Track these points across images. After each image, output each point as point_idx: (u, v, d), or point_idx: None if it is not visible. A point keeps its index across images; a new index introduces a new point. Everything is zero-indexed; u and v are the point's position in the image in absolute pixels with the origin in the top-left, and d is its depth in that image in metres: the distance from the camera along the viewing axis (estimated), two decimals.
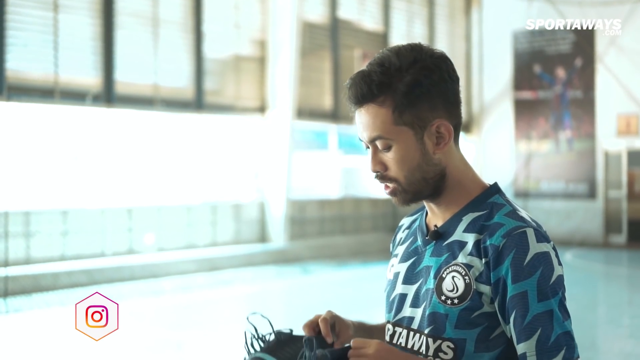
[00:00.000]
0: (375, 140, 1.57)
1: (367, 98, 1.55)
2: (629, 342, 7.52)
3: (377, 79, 1.54)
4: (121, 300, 9.48)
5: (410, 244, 1.69)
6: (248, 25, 13.69)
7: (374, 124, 1.56)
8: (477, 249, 1.52)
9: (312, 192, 15.25)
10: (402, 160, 1.56)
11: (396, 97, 1.54)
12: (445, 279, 1.54)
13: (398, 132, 1.55)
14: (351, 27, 15.79)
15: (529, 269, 1.47)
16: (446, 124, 1.57)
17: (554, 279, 1.48)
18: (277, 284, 11.41)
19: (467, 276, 1.51)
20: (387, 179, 1.59)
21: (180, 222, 12.44)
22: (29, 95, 10.76)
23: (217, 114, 13.22)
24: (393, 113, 1.54)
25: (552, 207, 17.02)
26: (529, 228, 1.50)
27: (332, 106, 15.32)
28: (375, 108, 1.55)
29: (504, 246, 1.48)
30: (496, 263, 1.49)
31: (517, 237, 1.49)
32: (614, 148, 16.43)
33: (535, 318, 1.45)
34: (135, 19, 11.90)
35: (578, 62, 16.81)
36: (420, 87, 1.54)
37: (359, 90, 1.56)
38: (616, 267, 13.93)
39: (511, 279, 1.47)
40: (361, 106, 1.57)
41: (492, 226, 1.52)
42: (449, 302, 1.52)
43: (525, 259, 1.47)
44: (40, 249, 10.50)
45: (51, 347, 7.02)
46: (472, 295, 1.50)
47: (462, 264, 1.53)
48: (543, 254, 1.48)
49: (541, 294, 1.46)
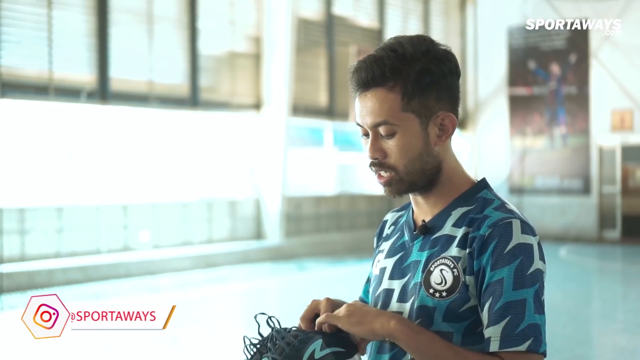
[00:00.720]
0: (379, 125, 1.55)
1: (378, 81, 1.55)
2: (623, 336, 7.55)
3: (390, 63, 1.54)
4: (116, 297, 9.49)
5: (396, 240, 1.68)
6: (243, 21, 13.68)
7: (380, 108, 1.55)
8: (465, 241, 1.52)
9: (307, 188, 15.26)
10: (405, 147, 1.55)
11: (407, 83, 1.54)
12: (433, 272, 1.53)
13: (404, 118, 1.55)
14: (346, 23, 15.79)
15: (508, 257, 1.46)
16: (451, 117, 1.58)
17: (532, 270, 1.47)
18: (273, 280, 11.42)
19: (455, 269, 1.51)
20: (384, 167, 1.58)
21: (176, 219, 12.44)
22: (23, 92, 10.74)
23: (212, 110, 13.21)
24: (402, 99, 1.54)
25: (547, 203, 17.06)
26: (515, 219, 1.51)
27: (327, 103, 15.33)
28: (384, 92, 1.55)
29: (489, 235, 1.49)
30: (480, 252, 1.49)
31: (503, 227, 1.49)
32: (609, 143, 16.47)
33: (507, 305, 1.44)
34: (129, 16, 11.87)
35: (572, 58, 16.83)
36: (431, 75, 1.55)
37: (370, 73, 1.55)
38: (610, 263, 13.97)
39: (490, 267, 1.47)
40: (368, 90, 1.56)
41: (480, 219, 1.53)
42: (437, 295, 1.51)
43: (507, 248, 1.47)
44: (35, 246, 10.49)
45: (46, 344, 7.01)
46: (460, 287, 1.50)
47: (450, 257, 1.52)
48: (525, 245, 1.48)
49: (517, 282, 1.45)
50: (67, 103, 11.18)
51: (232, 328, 8.07)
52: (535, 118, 17.40)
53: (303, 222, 14.66)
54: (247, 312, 9.31)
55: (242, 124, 13.83)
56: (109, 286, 10.07)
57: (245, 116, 13.79)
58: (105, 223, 11.38)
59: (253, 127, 13.89)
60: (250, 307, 9.53)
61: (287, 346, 1.45)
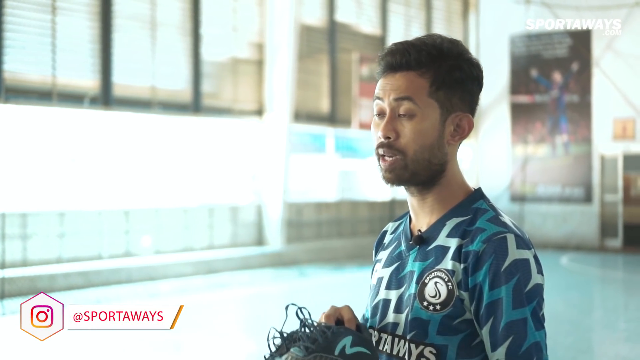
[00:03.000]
0: (403, 100, 1.55)
1: (411, 65, 1.56)
2: (625, 346, 7.54)
3: (427, 50, 1.56)
4: (118, 302, 9.49)
5: (394, 249, 1.67)
6: (246, 28, 13.71)
7: (408, 87, 1.55)
8: (459, 255, 1.51)
9: (309, 195, 15.26)
10: (420, 133, 1.55)
11: (438, 73, 1.55)
12: (427, 284, 1.53)
13: (428, 104, 1.55)
14: (349, 30, 15.82)
15: (505, 276, 1.45)
16: (470, 119, 1.60)
17: (530, 286, 1.46)
18: (274, 287, 11.42)
19: (449, 282, 1.50)
20: (393, 149, 1.55)
21: (178, 225, 12.45)
22: (26, 97, 10.76)
23: (214, 116, 13.23)
24: (430, 86, 1.55)
25: (549, 211, 17.05)
26: (509, 234, 1.49)
27: (329, 109, 15.34)
28: (415, 76, 1.56)
29: (483, 252, 1.48)
30: (474, 269, 1.48)
31: (497, 242, 1.48)
32: (610, 152, 16.47)
33: (509, 325, 1.44)
34: (133, 22, 11.91)
35: (574, 66, 16.85)
36: (461, 74, 1.57)
37: (406, 56, 1.56)
38: (612, 271, 13.96)
39: (488, 285, 1.46)
40: (398, 72, 1.57)
41: (473, 231, 1.52)
42: (431, 308, 1.51)
43: (503, 265, 1.46)
44: (37, 251, 10.50)
45: (47, 348, 7.02)
46: (454, 301, 1.49)
47: (444, 270, 1.51)
48: (522, 261, 1.47)
49: (516, 301, 1.45)
50: (70, 108, 11.21)
51: (233, 333, 8.07)
52: (537, 126, 17.41)
53: (304, 228, 14.67)
54: (248, 317, 9.31)
55: (244, 130, 13.85)
56: (111, 291, 10.08)
57: (248, 122, 13.81)
58: (107, 228, 11.39)
59: (255, 133, 13.91)
60: (251, 313, 9.53)
61: (322, 335, 1.45)
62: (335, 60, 15.32)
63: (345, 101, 15.48)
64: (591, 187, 16.65)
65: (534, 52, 17.38)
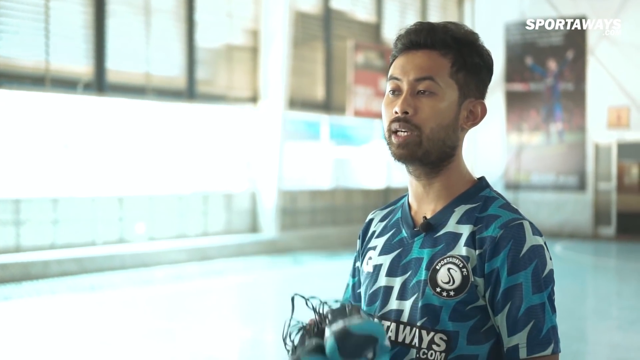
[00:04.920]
0: (424, 79, 1.54)
1: (436, 44, 1.55)
2: (617, 333, 7.57)
3: (451, 32, 1.56)
4: (112, 289, 9.49)
5: (392, 236, 1.64)
6: (241, 14, 13.65)
7: (430, 66, 1.54)
8: (473, 241, 1.51)
9: (303, 182, 15.26)
10: (439, 111, 1.54)
11: (460, 55, 1.55)
12: (439, 270, 1.52)
13: (449, 84, 1.55)
14: (344, 17, 15.77)
15: (524, 261, 1.47)
16: (483, 106, 1.60)
17: (546, 272, 1.49)
18: (268, 274, 11.43)
19: (464, 268, 1.50)
20: (409, 124, 1.53)
21: (172, 212, 12.43)
22: (19, 82, 10.71)
23: (209, 103, 13.19)
24: (452, 67, 1.55)
25: (543, 199, 17.08)
26: (525, 221, 1.51)
27: (324, 97, 15.31)
28: (437, 55, 1.55)
29: (500, 237, 1.48)
30: (492, 254, 1.48)
31: (515, 228, 1.49)
32: (605, 140, 16.49)
33: (530, 310, 1.45)
34: (127, 7, 11.84)
35: (569, 55, 16.84)
36: (481, 59, 1.58)
37: (431, 35, 1.55)
38: (605, 259, 14.01)
39: (507, 271, 1.46)
40: (420, 50, 1.56)
41: (487, 218, 1.52)
42: (445, 294, 1.50)
43: (522, 251, 1.47)
44: (30, 237, 10.48)
45: (40, 335, 7.01)
46: (469, 287, 1.49)
47: (459, 256, 1.51)
48: (538, 247, 1.49)
49: (535, 286, 1.46)
50: (63, 94, 11.16)
51: (227, 321, 8.07)
52: (532, 114, 17.42)
53: (298, 216, 14.67)
54: (242, 305, 9.32)
55: (239, 117, 13.82)
56: (104, 278, 10.07)
57: (242, 109, 13.78)
58: (101, 215, 11.37)
59: (249, 120, 13.88)
60: (245, 300, 9.54)
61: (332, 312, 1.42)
62: (330, 47, 15.28)
63: (340, 89, 15.45)
64: (585, 175, 16.69)
65: (529, 40, 17.36)
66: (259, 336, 7.42)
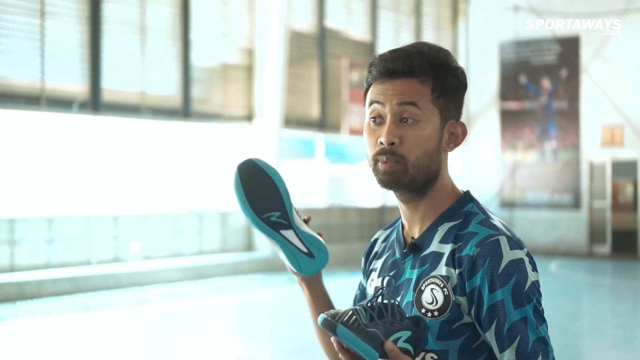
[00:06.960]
0: (408, 105, 1.54)
1: (413, 72, 1.54)
2: (612, 352, 7.56)
3: (428, 57, 1.55)
4: (107, 308, 9.46)
5: (388, 257, 1.67)
6: (236, 33, 13.71)
7: (412, 93, 1.54)
8: (452, 260, 1.51)
9: (298, 200, 15.25)
10: (423, 139, 1.54)
11: (438, 81, 1.56)
12: (424, 291, 1.53)
13: (430, 110, 1.55)
14: (339, 36, 15.84)
15: (503, 278, 1.46)
16: (463, 127, 1.61)
17: (528, 285, 1.48)
18: (263, 292, 11.40)
19: (445, 288, 1.50)
20: (396, 154, 1.54)
21: (167, 230, 12.41)
22: (14, 102, 10.72)
23: (204, 122, 13.22)
24: (432, 93, 1.55)
25: (537, 217, 17.10)
26: (501, 236, 1.50)
27: (319, 115, 15.35)
28: (415, 83, 1.55)
29: (477, 255, 1.48)
30: (471, 273, 1.48)
31: (490, 245, 1.49)
32: (599, 159, 16.54)
33: (513, 326, 1.45)
34: (122, 27, 11.88)
35: (563, 73, 16.93)
36: (457, 82, 1.59)
37: (408, 62, 1.54)
38: (600, 277, 14.01)
39: (487, 289, 1.47)
40: (398, 78, 1.55)
41: (466, 236, 1.52)
42: (429, 315, 1.51)
43: (500, 268, 1.47)
44: (25, 257, 10.44)
45: (36, 356, 6.97)
46: (451, 306, 1.50)
47: (439, 276, 1.52)
48: (517, 261, 1.48)
49: (516, 301, 1.46)
50: (58, 113, 11.17)
51: (222, 339, 8.04)
52: (526, 132, 17.48)
53: None
54: (237, 323, 9.29)
55: (234, 135, 13.84)
56: (99, 297, 10.03)
57: (237, 127, 13.80)
58: (96, 234, 11.34)
59: (245, 139, 13.89)
60: (240, 319, 9.51)
61: (392, 316, 1.45)
62: (325, 66, 15.34)
63: (335, 107, 15.50)
64: (580, 194, 16.72)
65: (523, 58, 17.45)
66: (254, 354, 7.40)
